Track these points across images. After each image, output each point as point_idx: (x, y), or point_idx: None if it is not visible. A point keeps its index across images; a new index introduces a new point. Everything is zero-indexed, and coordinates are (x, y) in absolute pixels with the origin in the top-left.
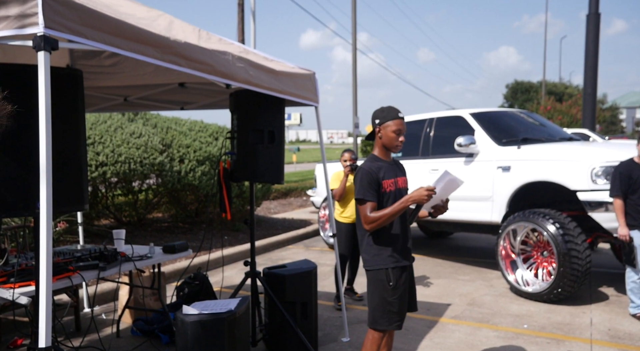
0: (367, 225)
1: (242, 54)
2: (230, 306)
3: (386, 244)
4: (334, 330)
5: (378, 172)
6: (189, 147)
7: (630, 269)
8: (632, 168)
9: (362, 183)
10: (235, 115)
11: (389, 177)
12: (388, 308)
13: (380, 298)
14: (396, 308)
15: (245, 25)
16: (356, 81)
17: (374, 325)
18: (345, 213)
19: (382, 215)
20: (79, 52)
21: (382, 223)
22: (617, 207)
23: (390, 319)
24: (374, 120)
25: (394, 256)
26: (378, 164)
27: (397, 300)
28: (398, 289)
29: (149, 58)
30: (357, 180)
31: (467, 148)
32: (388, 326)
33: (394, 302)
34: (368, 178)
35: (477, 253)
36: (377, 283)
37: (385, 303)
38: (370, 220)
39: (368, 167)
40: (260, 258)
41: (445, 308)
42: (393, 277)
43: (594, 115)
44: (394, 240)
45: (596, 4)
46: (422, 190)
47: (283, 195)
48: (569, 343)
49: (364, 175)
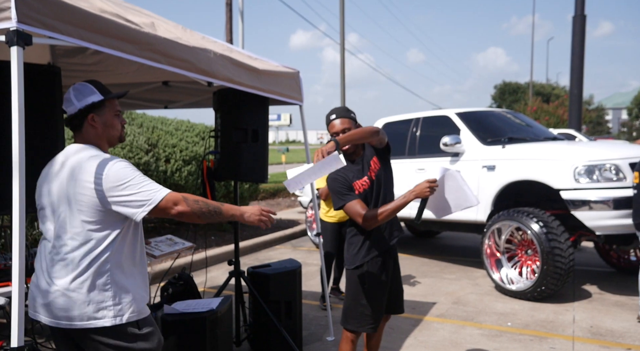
0: (366, 222)
1: (225, 51)
2: (211, 306)
3: (367, 239)
4: (319, 329)
5: (346, 176)
6: (175, 146)
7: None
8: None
9: (334, 191)
10: (219, 114)
11: (358, 178)
12: (360, 309)
13: (353, 299)
14: (369, 310)
15: (233, 25)
16: (344, 81)
17: (345, 324)
18: (330, 213)
19: (383, 212)
20: (60, 50)
21: (383, 219)
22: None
23: (362, 321)
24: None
25: (372, 249)
26: (344, 168)
27: (370, 302)
28: (374, 291)
29: (128, 54)
30: (330, 190)
31: (452, 148)
32: (359, 327)
33: (366, 304)
34: (338, 184)
35: (463, 253)
36: (352, 284)
37: (358, 305)
38: (369, 217)
39: (334, 174)
40: (247, 259)
41: (430, 307)
42: (367, 276)
43: (580, 116)
44: (375, 234)
45: (582, 6)
46: (424, 184)
47: (271, 195)
48: (552, 340)
49: (333, 183)
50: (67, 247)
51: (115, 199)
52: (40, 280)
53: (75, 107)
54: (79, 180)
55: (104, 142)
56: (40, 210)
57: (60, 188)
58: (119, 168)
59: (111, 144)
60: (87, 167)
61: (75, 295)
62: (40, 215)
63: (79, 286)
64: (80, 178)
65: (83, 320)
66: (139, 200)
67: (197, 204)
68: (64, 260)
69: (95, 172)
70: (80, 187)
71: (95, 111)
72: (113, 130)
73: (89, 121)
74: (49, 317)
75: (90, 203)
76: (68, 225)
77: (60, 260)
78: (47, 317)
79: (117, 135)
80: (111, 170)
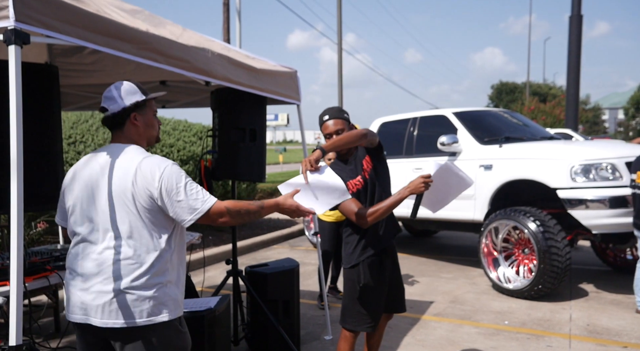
0: (362, 220)
1: (223, 51)
2: (210, 305)
3: (363, 238)
4: (316, 329)
5: (340, 176)
6: (173, 146)
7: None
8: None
9: None
10: (217, 113)
11: (351, 178)
12: (357, 308)
13: (350, 298)
14: (366, 310)
15: (230, 24)
16: (341, 81)
17: (343, 323)
18: (328, 212)
19: (379, 209)
20: (57, 49)
21: (378, 217)
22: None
23: (360, 320)
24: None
25: (367, 248)
26: (337, 168)
27: (367, 301)
28: (370, 290)
29: (125, 54)
30: None
31: (449, 147)
32: (356, 327)
33: (363, 304)
34: None
35: (460, 252)
36: (349, 282)
37: (355, 304)
38: (366, 214)
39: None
40: (245, 258)
41: (427, 306)
42: (364, 276)
43: (577, 116)
44: (371, 233)
45: (578, 6)
46: (418, 180)
47: (269, 195)
48: (549, 338)
49: None
50: (125, 248)
51: (168, 202)
52: (89, 282)
53: (119, 105)
54: (137, 180)
55: (144, 142)
56: (72, 211)
57: (112, 187)
58: (174, 172)
59: (149, 143)
60: (144, 167)
61: (139, 293)
62: (74, 216)
63: (142, 284)
64: (137, 178)
65: (143, 317)
66: (190, 207)
67: (239, 215)
68: (126, 260)
69: (152, 172)
70: (138, 187)
71: (138, 110)
72: (153, 129)
73: (131, 120)
74: (101, 319)
75: (149, 203)
76: (125, 226)
77: (119, 261)
78: (99, 319)
79: (155, 135)
80: (166, 172)
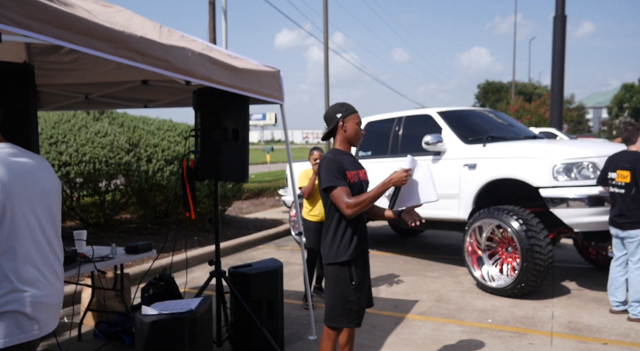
0: (348, 209)
1: (204, 50)
2: (190, 306)
3: (349, 235)
4: (301, 329)
5: (342, 163)
6: (157, 146)
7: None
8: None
9: (330, 171)
10: (199, 113)
11: (352, 168)
12: (349, 306)
13: (341, 297)
14: (357, 306)
15: (217, 24)
16: (328, 80)
17: (332, 322)
18: (313, 212)
19: (365, 199)
20: (36, 48)
21: (364, 207)
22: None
23: (350, 317)
24: (334, 115)
25: (359, 244)
26: (341, 156)
27: (358, 299)
28: (359, 287)
29: (102, 53)
30: (323, 169)
31: (434, 147)
32: (347, 324)
33: (355, 301)
34: (335, 166)
35: (446, 251)
36: (338, 281)
37: (347, 302)
38: (352, 204)
39: (332, 155)
40: (231, 259)
41: (412, 305)
42: (356, 275)
43: (561, 115)
44: (356, 231)
45: (562, 6)
46: (401, 172)
47: (255, 195)
48: (531, 336)
49: (330, 163)
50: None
51: None
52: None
53: None
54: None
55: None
56: None
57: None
58: None
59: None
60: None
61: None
62: None
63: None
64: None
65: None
66: None
67: None
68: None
69: None
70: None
71: None
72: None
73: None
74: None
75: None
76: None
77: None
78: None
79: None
80: None
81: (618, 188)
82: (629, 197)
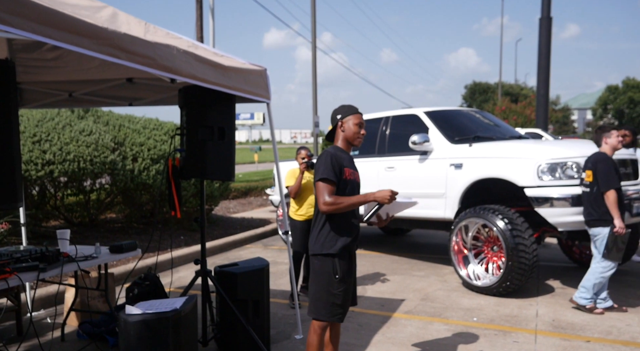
0: (324, 206)
1: (190, 48)
2: (175, 305)
3: (337, 230)
4: (287, 328)
5: (342, 159)
6: (143, 145)
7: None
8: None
9: (328, 163)
10: (184, 111)
11: (350, 167)
12: (332, 300)
13: (325, 290)
14: (340, 300)
15: (204, 22)
16: (316, 80)
17: (314, 314)
18: (300, 211)
19: (342, 202)
20: (18, 45)
21: (339, 209)
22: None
23: (333, 311)
24: (334, 116)
25: (344, 237)
26: (341, 153)
27: (342, 293)
28: (344, 282)
29: (84, 49)
30: (322, 161)
31: (421, 146)
32: (330, 318)
33: (338, 294)
34: (335, 160)
35: (432, 250)
36: (322, 274)
37: (330, 295)
38: (328, 202)
39: (334, 150)
40: (217, 258)
41: (399, 304)
42: (340, 268)
43: (547, 116)
44: (345, 228)
45: (548, 8)
46: (387, 191)
47: (243, 195)
48: (515, 334)
49: (332, 156)
50: None
51: None
52: None
53: None
54: None
55: None
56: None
57: None
58: None
59: None
60: None
61: None
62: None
63: None
64: None
65: None
66: None
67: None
68: None
69: None
70: None
71: None
72: None
73: None
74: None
75: None
76: None
77: None
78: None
79: None
80: None
81: (585, 187)
82: (592, 196)
